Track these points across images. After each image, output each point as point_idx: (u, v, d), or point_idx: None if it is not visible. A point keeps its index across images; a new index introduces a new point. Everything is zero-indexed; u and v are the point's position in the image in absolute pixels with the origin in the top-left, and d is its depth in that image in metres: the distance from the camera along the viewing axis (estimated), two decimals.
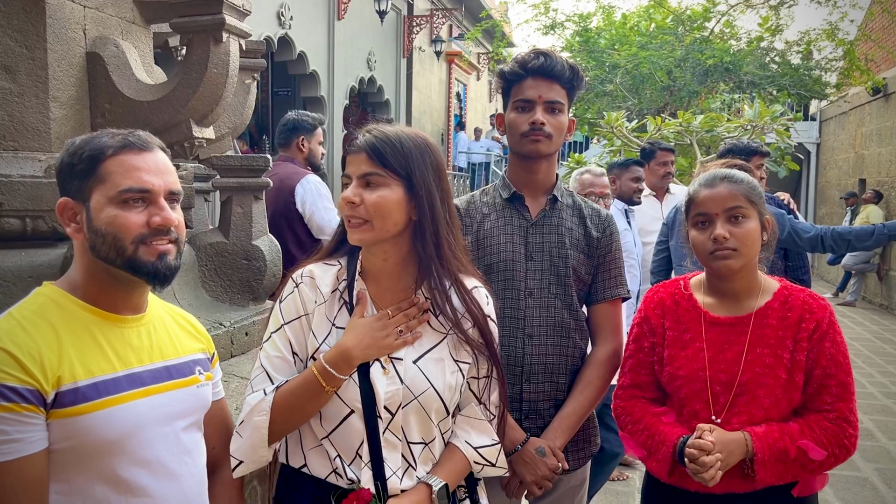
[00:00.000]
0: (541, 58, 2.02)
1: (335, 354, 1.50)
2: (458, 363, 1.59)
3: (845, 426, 1.77)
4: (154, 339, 1.44)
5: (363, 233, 1.53)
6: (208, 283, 2.75)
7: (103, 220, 1.33)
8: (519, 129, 2.04)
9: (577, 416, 2.05)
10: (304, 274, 1.60)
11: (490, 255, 2.08)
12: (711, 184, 1.85)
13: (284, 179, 3.87)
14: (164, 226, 1.36)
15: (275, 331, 1.58)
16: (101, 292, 1.38)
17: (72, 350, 1.30)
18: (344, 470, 1.52)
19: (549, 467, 1.96)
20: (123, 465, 1.31)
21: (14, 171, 2.05)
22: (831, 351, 1.79)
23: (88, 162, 1.34)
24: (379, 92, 14.70)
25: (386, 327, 1.54)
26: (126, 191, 1.33)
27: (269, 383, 1.54)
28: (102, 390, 1.30)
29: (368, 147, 1.52)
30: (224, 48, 2.40)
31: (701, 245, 1.84)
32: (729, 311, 1.87)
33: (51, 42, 2.23)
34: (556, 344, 2.06)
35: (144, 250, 1.34)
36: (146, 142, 1.39)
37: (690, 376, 1.85)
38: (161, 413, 1.38)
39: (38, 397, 1.23)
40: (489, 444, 1.65)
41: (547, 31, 13.67)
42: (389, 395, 1.52)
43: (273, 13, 10.43)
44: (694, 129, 7.46)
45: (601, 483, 3.76)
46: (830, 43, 12.21)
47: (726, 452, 1.72)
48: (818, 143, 17.42)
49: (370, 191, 1.52)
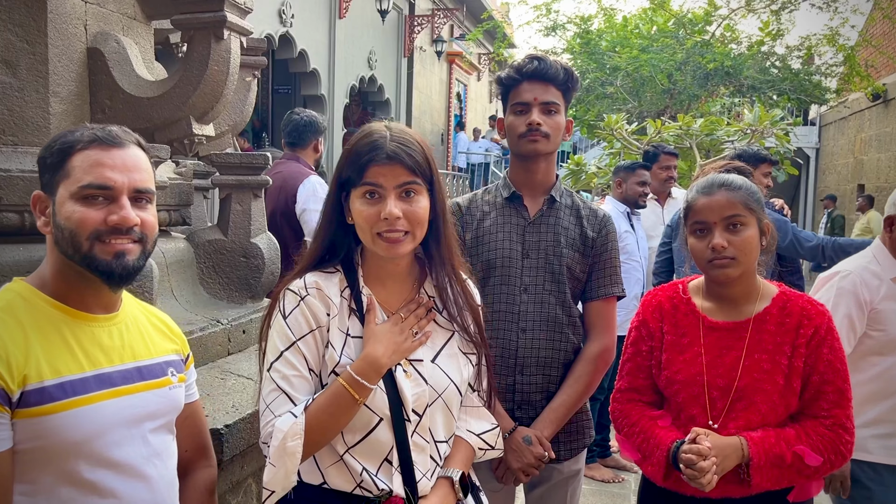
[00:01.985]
0: (535, 62, 2.12)
1: (363, 365, 1.47)
2: (466, 356, 1.64)
3: (842, 433, 1.77)
4: (126, 338, 1.41)
5: (406, 245, 1.50)
6: (206, 281, 2.74)
7: (63, 215, 1.30)
8: (517, 130, 2.12)
9: (565, 409, 2.11)
10: (307, 286, 1.53)
11: (488, 251, 2.17)
12: (709, 191, 1.83)
13: (288, 179, 3.85)
14: (122, 224, 1.31)
15: (286, 349, 1.50)
16: (71, 289, 1.35)
17: (39, 349, 1.27)
18: (372, 481, 1.49)
19: (534, 455, 2.03)
20: (90, 467, 1.28)
21: (13, 165, 2.05)
22: (829, 357, 1.79)
23: (58, 156, 1.33)
24: (379, 91, 14.70)
25: (403, 331, 1.54)
26: (86, 186, 1.30)
27: (292, 404, 1.47)
28: (69, 390, 1.27)
29: (404, 156, 1.48)
30: (225, 45, 2.40)
31: (699, 253, 1.84)
32: (727, 316, 1.87)
33: (52, 37, 2.22)
34: (548, 338, 2.13)
35: (100, 248, 1.30)
36: (116, 137, 1.35)
37: (688, 381, 1.85)
38: (130, 414, 1.35)
39: (3, 396, 1.21)
40: (489, 429, 1.70)
41: (548, 33, 13.68)
42: (416, 396, 1.52)
43: (274, 11, 10.43)
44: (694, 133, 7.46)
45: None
46: (831, 48, 12.24)
47: (722, 457, 1.72)
48: (817, 148, 17.45)
49: (409, 202, 1.49)
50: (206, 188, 3.37)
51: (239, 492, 2.15)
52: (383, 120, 1.61)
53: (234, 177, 2.79)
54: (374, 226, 1.48)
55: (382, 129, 1.53)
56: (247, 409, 2.04)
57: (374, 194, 1.49)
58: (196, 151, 2.62)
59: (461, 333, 1.63)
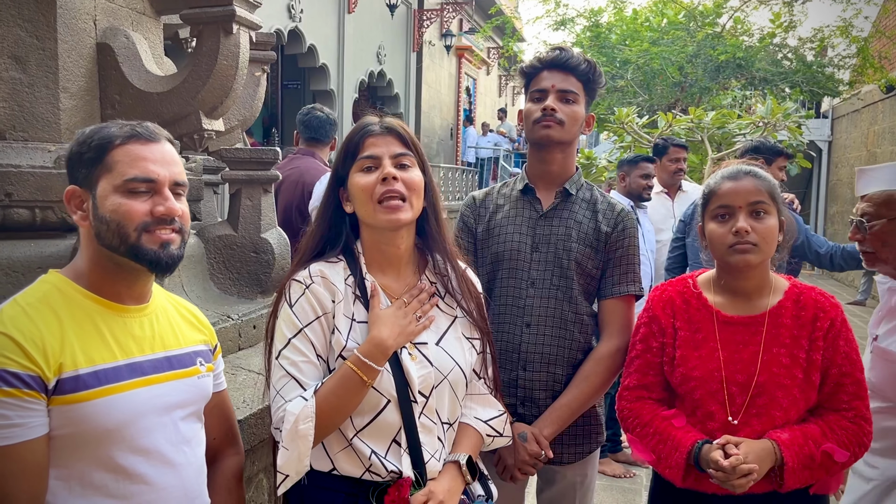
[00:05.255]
0: (556, 51, 2.12)
1: (370, 347, 1.51)
2: (470, 340, 1.67)
3: (863, 424, 1.76)
4: (156, 329, 1.45)
5: (405, 212, 1.56)
6: (217, 276, 2.74)
7: (108, 208, 1.35)
8: (532, 116, 2.10)
9: (570, 409, 2.06)
10: (312, 274, 1.58)
11: (498, 243, 2.15)
12: (735, 176, 1.83)
13: (304, 174, 3.82)
14: (168, 215, 1.37)
15: (293, 336, 1.55)
16: (105, 281, 1.39)
17: (74, 338, 1.31)
18: (382, 464, 1.52)
19: (529, 453, 1.99)
20: (122, 453, 1.33)
21: (24, 161, 2.05)
22: (846, 349, 1.78)
23: (96, 151, 1.37)
24: (388, 86, 14.68)
25: (407, 315, 1.58)
26: (131, 180, 1.35)
27: (302, 389, 1.52)
28: (103, 378, 1.32)
29: (395, 129, 1.59)
30: (234, 40, 2.39)
31: (720, 238, 1.80)
32: (741, 311, 1.84)
33: (61, 32, 2.22)
34: (553, 335, 2.09)
35: (147, 238, 1.36)
36: (153, 133, 1.41)
37: (705, 377, 1.81)
38: (160, 402, 1.40)
39: (39, 383, 1.25)
40: (497, 416, 1.73)
41: (557, 27, 13.60)
42: (422, 378, 1.56)
43: (283, 6, 10.43)
44: (705, 126, 7.40)
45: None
46: (844, 40, 12.10)
47: (758, 464, 1.68)
48: (830, 141, 17.30)
49: (403, 171, 1.57)
50: (216, 183, 3.37)
51: (250, 487, 2.15)
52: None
53: (243, 172, 2.79)
54: (373, 193, 1.55)
55: (374, 117, 1.64)
56: (257, 404, 2.03)
57: (371, 168, 1.57)
58: (206, 146, 2.61)
59: (465, 317, 1.67)
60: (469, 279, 1.73)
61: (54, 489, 1.29)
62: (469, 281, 1.72)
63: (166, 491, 1.38)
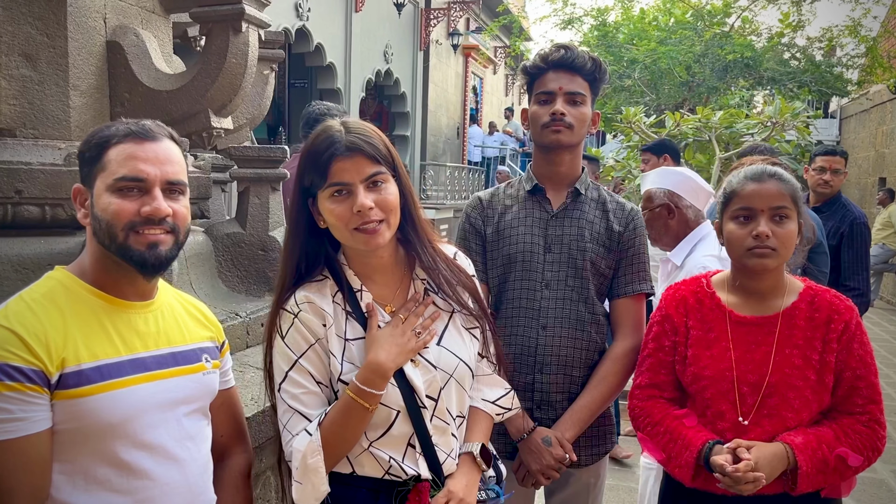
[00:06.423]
0: (561, 51, 2.06)
1: (367, 373, 1.47)
2: (470, 331, 1.65)
3: (877, 428, 1.75)
4: (161, 325, 1.45)
5: (384, 235, 1.50)
6: (225, 274, 2.75)
7: (101, 207, 1.36)
8: (540, 120, 2.06)
9: (589, 411, 2.04)
10: (298, 302, 1.53)
11: (509, 245, 2.11)
12: (759, 178, 1.79)
13: None
14: (154, 215, 1.35)
15: (289, 368, 1.52)
16: (108, 278, 1.40)
17: (77, 333, 1.32)
18: (400, 468, 1.52)
19: (554, 457, 1.97)
20: (125, 448, 1.33)
21: (34, 158, 2.06)
22: (860, 352, 1.76)
23: (95, 149, 1.37)
24: (395, 85, 14.68)
25: (405, 332, 1.53)
26: (120, 179, 1.35)
27: (306, 421, 1.50)
28: (106, 374, 1.32)
29: (363, 145, 1.47)
30: (243, 38, 2.39)
31: (739, 240, 1.79)
32: (755, 311, 1.83)
33: (71, 30, 2.23)
34: (570, 336, 2.07)
35: (134, 238, 1.35)
36: (151, 131, 1.39)
37: (717, 377, 1.80)
38: (164, 398, 1.40)
39: (42, 378, 1.25)
40: (504, 394, 1.72)
41: (565, 26, 13.56)
42: (427, 382, 1.54)
43: (291, 5, 10.44)
44: (713, 126, 7.37)
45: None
46: (853, 39, 12.03)
47: (770, 468, 1.67)
48: (838, 141, 17.21)
49: (377, 192, 1.48)
50: (225, 181, 3.37)
51: (257, 484, 2.15)
52: (336, 118, 1.58)
53: (252, 170, 2.79)
54: (348, 222, 1.48)
55: (337, 124, 1.52)
56: (265, 402, 2.03)
57: (341, 192, 1.48)
58: (214, 145, 2.62)
59: (461, 310, 1.64)
60: (458, 266, 1.67)
61: (58, 483, 1.29)
62: (458, 268, 1.67)
63: (170, 486, 1.38)
